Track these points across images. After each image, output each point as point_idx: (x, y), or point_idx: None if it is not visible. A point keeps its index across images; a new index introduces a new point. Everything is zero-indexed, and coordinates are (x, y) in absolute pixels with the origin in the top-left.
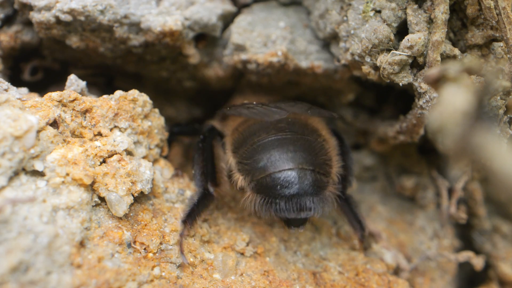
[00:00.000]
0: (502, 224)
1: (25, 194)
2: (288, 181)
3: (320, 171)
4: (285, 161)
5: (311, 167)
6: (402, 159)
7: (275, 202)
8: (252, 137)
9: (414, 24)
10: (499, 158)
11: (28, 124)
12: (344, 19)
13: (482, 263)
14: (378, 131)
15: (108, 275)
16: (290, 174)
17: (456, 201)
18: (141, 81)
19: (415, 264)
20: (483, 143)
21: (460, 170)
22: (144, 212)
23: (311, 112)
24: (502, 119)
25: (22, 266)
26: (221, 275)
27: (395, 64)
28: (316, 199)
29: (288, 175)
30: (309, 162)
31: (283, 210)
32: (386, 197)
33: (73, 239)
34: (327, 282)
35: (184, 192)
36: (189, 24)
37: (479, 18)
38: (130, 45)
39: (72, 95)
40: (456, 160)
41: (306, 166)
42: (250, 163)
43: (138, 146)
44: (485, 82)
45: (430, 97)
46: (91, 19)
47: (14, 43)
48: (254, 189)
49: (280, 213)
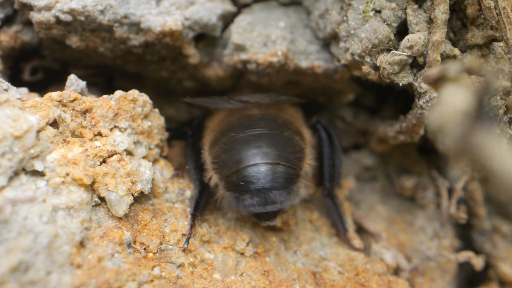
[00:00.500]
0: (502, 224)
1: (25, 194)
2: (254, 176)
3: (287, 164)
4: (250, 157)
5: (277, 161)
6: (402, 159)
7: (243, 198)
8: (223, 136)
9: (414, 24)
10: (499, 158)
11: (28, 124)
12: (344, 19)
13: (482, 263)
14: (378, 131)
15: (108, 275)
16: (255, 170)
17: (456, 201)
18: (141, 81)
19: (415, 264)
20: (483, 143)
21: (460, 170)
22: (144, 212)
23: (269, 99)
24: (502, 119)
25: (22, 266)
26: (221, 275)
27: (395, 64)
28: (283, 192)
29: (253, 170)
30: (274, 155)
31: (251, 205)
32: (386, 197)
33: (73, 239)
34: (327, 282)
35: (184, 192)
36: (189, 24)
37: (479, 18)
38: (130, 45)
39: (72, 95)
40: (456, 160)
41: (272, 160)
42: (219, 161)
43: (138, 146)
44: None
45: (430, 97)
46: (91, 19)
47: (14, 43)
48: (224, 187)
49: (248, 208)
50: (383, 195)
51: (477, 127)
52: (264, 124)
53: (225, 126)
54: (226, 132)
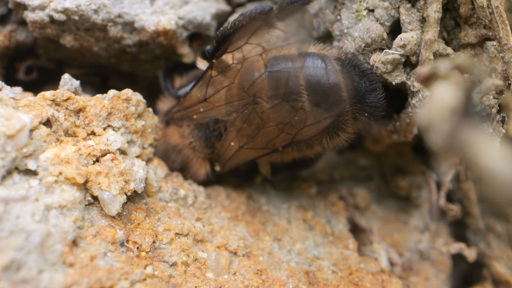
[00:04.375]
0: (496, 224)
1: (18, 193)
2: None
3: None
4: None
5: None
6: (397, 158)
7: None
8: None
9: (407, 23)
10: (486, 154)
11: (21, 123)
12: (338, 18)
13: (474, 254)
14: (373, 130)
15: (100, 274)
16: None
17: (445, 194)
18: (136, 80)
19: (407, 258)
20: (470, 140)
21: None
22: (137, 211)
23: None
24: (495, 118)
25: (14, 265)
26: (214, 274)
27: (388, 63)
28: None
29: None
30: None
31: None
32: (381, 197)
33: (66, 238)
34: (320, 281)
35: (177, 191)
36: (183, 23)
37: (472, 17)
38: (124, 44)
39: (65, 94)
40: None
41: None
42: None
43: (132, 145)
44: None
45: (423, 96)
46: (85, 18)
47: (9, 42)
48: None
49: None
50: (378, 195)
51: (465, 124)
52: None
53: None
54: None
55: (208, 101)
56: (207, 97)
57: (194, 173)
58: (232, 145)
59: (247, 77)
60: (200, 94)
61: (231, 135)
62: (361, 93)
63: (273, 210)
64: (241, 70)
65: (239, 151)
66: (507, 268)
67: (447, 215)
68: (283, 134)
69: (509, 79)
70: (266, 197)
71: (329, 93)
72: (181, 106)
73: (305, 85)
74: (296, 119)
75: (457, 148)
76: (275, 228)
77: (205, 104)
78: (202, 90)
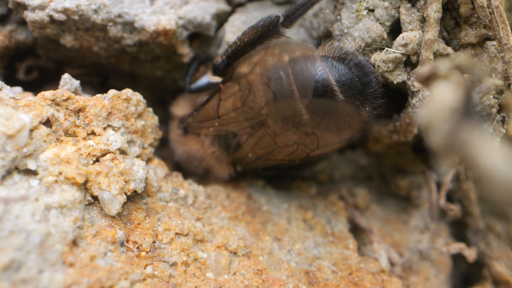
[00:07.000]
0: (496, 224)
1: (18, 192)
2: None
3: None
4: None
5: None
6: (397, 158)
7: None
8: None
9: (407, 23)
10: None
11: (21, 123)
12: (338, 18)
13: (474, 254)
14: (373, 130)
15: (100, 274)
16: None
17: (445, 194)
18: (136, 80)
19: (407, 258)
20: (470, 140)
21: (449, 166)
22: (137, 211)
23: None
24: (495, 117)
25: (14, 265)
26: (214, 274)
27: (389, 62)
28: None
29: None
30: None
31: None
32: (381, 197)
33: (66, 238)
34: (320, 281)
35: (177, 191)
36: (183, 23)
37: (472, 17)
38: (124, 44)
39: (65, 94)
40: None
41: None
42: None
43: (132, 145)
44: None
45: (423, 96)
46: (85, 18)
47: (9, 42)
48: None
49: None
50: (378, 195)
51: (465, 124)
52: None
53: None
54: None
55: (221, 118)
56: (219, 115)
57: (218, 175)
58: (249, 156)
59: (256, 102)
60: (213, 111)
61: (247, 149)
62: (361, 93)
63: (273, 210)
64: (249, 96)
65: (257, 161)
66: (507, 268)
67: (447, 215)
68: (299, 152)
69: (509, 79)
70: (266, 197)
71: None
72: (196, 118)
73: (307, 111)
74: (308, 141)
75: (457, 148)
76: (275, 228)
77: (219, 120)
78: (214, 109)
